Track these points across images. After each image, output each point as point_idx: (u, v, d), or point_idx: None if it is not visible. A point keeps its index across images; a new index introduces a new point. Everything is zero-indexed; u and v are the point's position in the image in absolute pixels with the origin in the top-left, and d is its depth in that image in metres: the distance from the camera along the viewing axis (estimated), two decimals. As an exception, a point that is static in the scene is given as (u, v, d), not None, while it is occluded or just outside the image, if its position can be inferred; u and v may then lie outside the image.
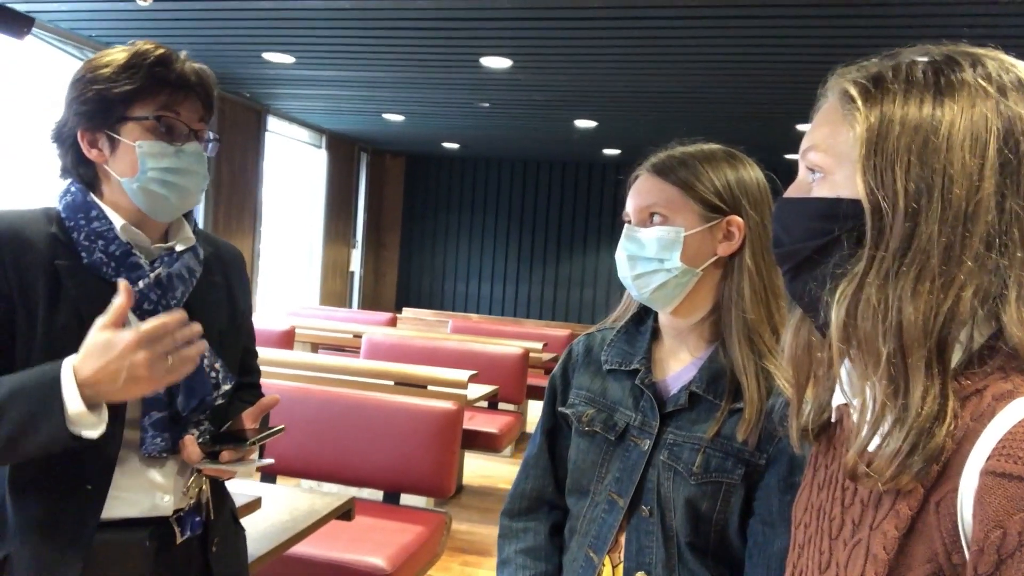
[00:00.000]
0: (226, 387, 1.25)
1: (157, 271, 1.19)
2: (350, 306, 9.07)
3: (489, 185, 9.47)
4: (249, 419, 1.26)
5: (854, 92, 0.68)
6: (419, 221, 9.71)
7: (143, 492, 1.20)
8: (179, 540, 1.22)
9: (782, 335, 0.82)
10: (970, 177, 0.63)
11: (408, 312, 8.34)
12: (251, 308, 1.45)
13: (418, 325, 7.15)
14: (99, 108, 1.16)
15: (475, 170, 9.49)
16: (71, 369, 1.02)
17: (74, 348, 1.07)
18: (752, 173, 1.16)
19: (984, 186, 0.62)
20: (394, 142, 8.79)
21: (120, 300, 1.03)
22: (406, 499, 2.94)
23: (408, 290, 9.77)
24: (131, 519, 1.19)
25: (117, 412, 1.15)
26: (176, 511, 1.23)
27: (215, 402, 1.23)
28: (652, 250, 1.13)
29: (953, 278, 0.62)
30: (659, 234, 1.12)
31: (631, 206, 1.17)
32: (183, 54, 1.22)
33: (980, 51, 0.68)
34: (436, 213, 9.64)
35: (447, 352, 4.61)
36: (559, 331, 6.38)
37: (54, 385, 1.01)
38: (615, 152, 8.07)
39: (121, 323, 1.04)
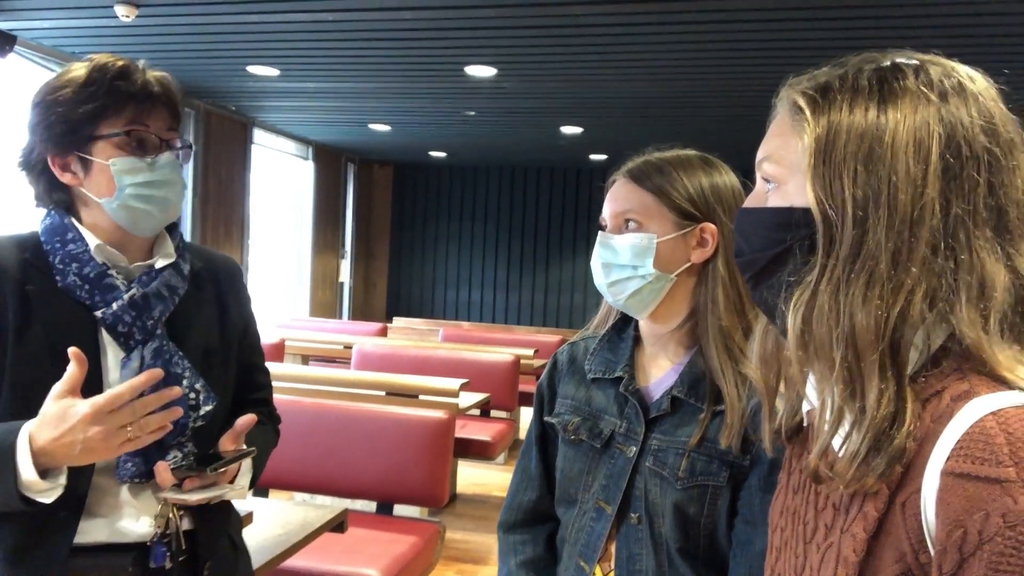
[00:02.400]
0: (207, 408, 1.21)
1: (131, 292, 1.16)
2: (340, 317, 9.05)
3: (477, 192, 9.48)
4: (228, 442, 1.22)
5: (802, 103, 0.70)
6: (408, 230, 9.71)
7: (122, 517, 1.18)
8: (153, 566, 1.18)
9: (751, 339, 0.83)
10: (914, 183, 0.64)
11: (399, 321, 8.34)
12: (252, 322, 1.40)
13: (409, 334, 7.15)
14: (66, 130, 1.14)
15: (463, 178, 9.50)
16: (27, 436, 1.00)
17: (44, 374, 1.05)
18: (727, 180, 1.17)
19: (928, 191, 0.63)
20: (381, 152, 8.79)
21: (72, 369, 1.01)
22: (399, 509, 2.94)
23: (398, 299, 9.76)
24: (114, 544, 1.17)
25: None
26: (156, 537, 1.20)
27: (193, 424, 1.20)
28: (626, 257, 1.14)
29: (901, 283, 0.63)
30: (632, 241, 1.14)
31: (607, 211, 1.19)
32: (142, 63, 1.18)
33: (925, 57, 0.69)
34: (425, 222, 9.65)
35: (438, 361, 4.60)
36: (550, 337, 6.39)
37: (9, 452, 0.99)
38: (602, 157, 8.10)
39: (76, 391, 1.01)
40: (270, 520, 1.99)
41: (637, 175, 1.16)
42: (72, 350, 1.02)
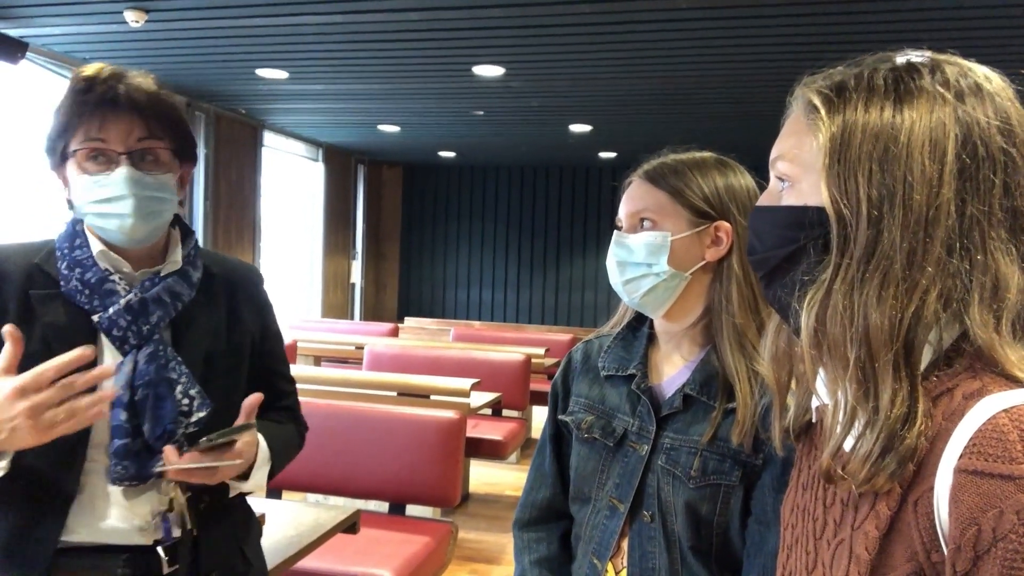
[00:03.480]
0: (199, 415, 1.20)
1: (127, 298, 1.17)
2: (352, 318, 9.08)
3: (487, 192, 9.49)
4: (242, 421, 1.19)
5: (817, 102, 0.69)
6: (418, 230, 9.73)
7: (116, 519, 1.18)
8: (160, 538, 1.18)
9: (763, 336, 0.83)
10: (930, 183, 0.63)
11: (410, 321, 8.36)
12: (271, 329, 1.38)
13: (420, 334, 7.16)
14: (49, 147, 1.17)
15: (472, 178, 9.51)
16: None
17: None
18: (742, 180, 1.17)
19: (943, 191, 0.63)
20: (390, 153, 8.81)
21: (8, 348, 1.00)
22: (412, 510, 2.95)
23: (409, 300, 9.78)
24: (109, 546, 1.17)
25: (79, 438, 1.14)
26: (156, 541, 1.19)
27: (184, 431, 1.19)
28: (640, 255, 1.14)
29: (916, 283, 0.63)
30: (647, 239, 1.14)
31: (623, 211, 1.19)
32: (107, 69, 1.14)
33: (941, 57, 0.69)
34: (435, 222, 9.66)
35: (449, 361, 4.61)
36: (561, 336, 6.39)
37: None
38: (611, 155, 8.09)
39: (11, 370, 0.99)
40: (283, 521, 2.00)
41: (652, 176, 1.17)
42: (7, 328, 1.00)
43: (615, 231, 1.20)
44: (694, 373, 1.14)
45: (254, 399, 1.19)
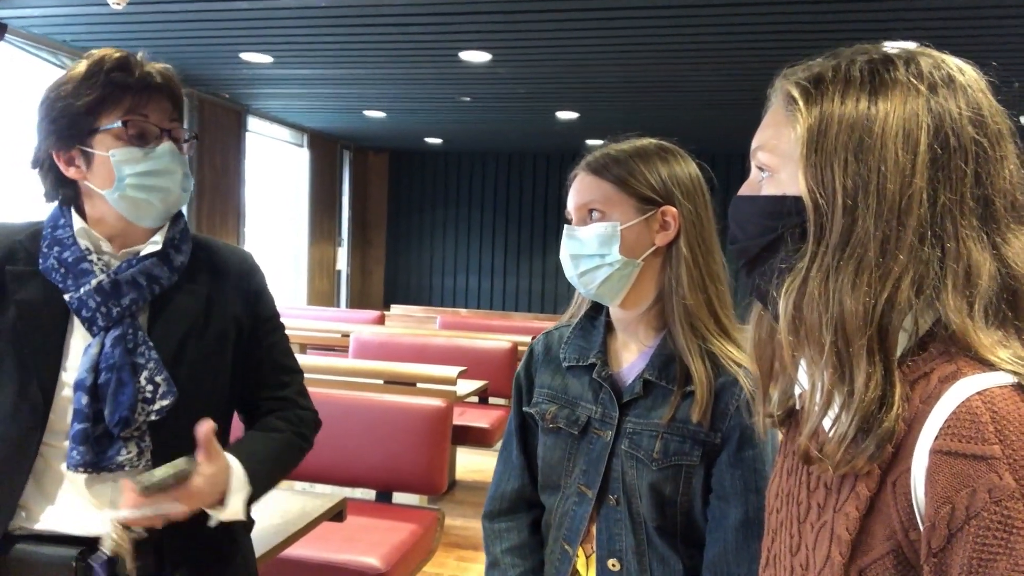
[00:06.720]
0: (163, 403, 1.16)
1: (99, 278, 1.17)
2: (338, 305, 9.05)
3: (474, 179, 9.46)
4: (201, 456, 1.12)
5: (796, 93, 0.71)
6: (405, 217, 9.69)
7: (71, 508, 1.15)
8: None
9: (747, 326, 0.85)
10: (903, 172, 0.65)
11: (396, 309, 8.33)
12: (266, 318, 1.34)
13: (406, 322, 7.14)
14: (68, 124, 1.15)
15: (459, 164, 9.47)
16: None
17: (4, 345, 1.13)
18: (684, 165, 1.21)
19: (916, 181, 0.65)
20: (376, 139, 8.76)
21: None
22: (399, 497, 2.95)
23: (396, 287, 9.75)
24: (67, 536, 1.14)
25: (36, 420, 1.13)
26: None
27: (144, 418, 1.15)
28: (592, 247, 1.17)
29: (889, 270, 0.65)
30: (597, 231, 1.17)
31: (571, 205, 1.22)
32: (140, 55, 1.20)
33: (916, 49, 0.70)
34: (421, 209, 9.62)
35: (436, 348, 4.61)
36: (547, 323, 6.35)
37: None
38: (598, 142, 8.00)
39: None
40: (269, 510, 2.00)
41: (596, 168, 1.20)
42: None
43: (565, 225, 1.22)
44: (652, 359, 1.17)
45: (207, 429, 1.10)
